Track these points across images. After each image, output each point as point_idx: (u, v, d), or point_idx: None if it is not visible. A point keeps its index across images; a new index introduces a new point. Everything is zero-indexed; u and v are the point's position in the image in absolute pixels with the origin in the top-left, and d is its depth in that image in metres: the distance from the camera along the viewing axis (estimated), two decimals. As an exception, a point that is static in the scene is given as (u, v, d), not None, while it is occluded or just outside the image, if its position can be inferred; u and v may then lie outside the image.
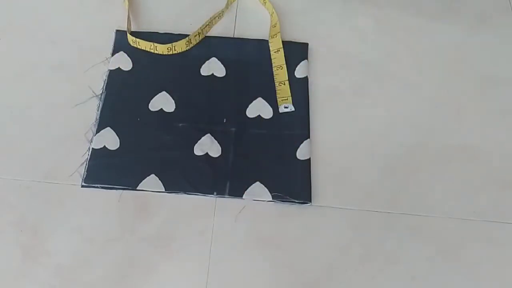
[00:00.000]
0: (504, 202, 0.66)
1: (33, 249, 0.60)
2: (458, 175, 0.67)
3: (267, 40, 0.77)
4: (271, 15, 0.79)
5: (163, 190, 0.64)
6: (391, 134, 0.70)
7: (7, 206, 0.63)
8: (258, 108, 0.70)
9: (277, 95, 0.72)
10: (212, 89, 0.72)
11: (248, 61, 0.75)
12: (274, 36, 0.76)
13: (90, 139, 0.67)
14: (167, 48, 0.74)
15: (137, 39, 0.75)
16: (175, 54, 0.74)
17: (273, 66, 0.74)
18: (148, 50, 0.74)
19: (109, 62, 0.74)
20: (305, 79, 0.73)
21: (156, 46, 0.74)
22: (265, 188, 0.65)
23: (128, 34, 0.75)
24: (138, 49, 0.75)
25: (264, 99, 0.71)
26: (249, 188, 0.65)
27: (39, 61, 0.74)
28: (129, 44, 0.75)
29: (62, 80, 0.72)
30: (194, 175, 0.65)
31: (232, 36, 0.77)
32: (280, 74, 0.73)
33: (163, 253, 0.61)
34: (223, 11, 0.79)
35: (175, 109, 0.70)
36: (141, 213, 0.63)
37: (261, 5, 0.81)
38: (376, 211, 0.64)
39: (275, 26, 0.78)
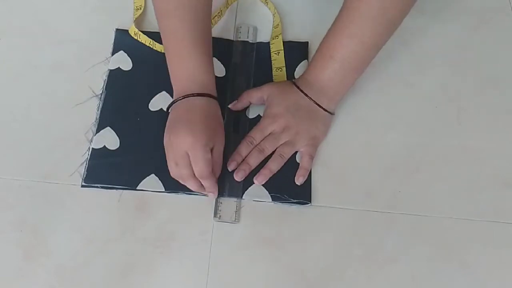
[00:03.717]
0: (504, 202, 0.66)
1: (33, 249, 0.60)
2: (458, 175, 0.67)
3: (268, 42, 0.77)
4: (273, 15, 0.79)
5: (163, 190, 0.64)
6: (391, 134, 0.70)
7: (7, 206, 0.63)
8: (259, 109, 0.70)
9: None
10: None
11: (248, 61, 0.75)
12: (276, 38, 0.76)
13: (90, 139, 0.67)
14: None
15: (139, 32, 0.75)
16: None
17: (272, 67, 0.74)
18: (148, 45, 0.75)
19: (109, 62, 0.74)
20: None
21: (155, 44, 0.74)
22: (265, 189, 0.65)
23: (132, 25, 0.75)
24: (138, 47, 0.74)
25: (264, 99, 0.71)
26: (249, 189, 0.65)
27: (39, 61, 0.74)
28: (130, 39, 0.75)
29: (62, 80, 0.72)
30: (194, 175, 0.65)
31: (232, 37, 0.77)
32: (279, 76, 0.73)
33: (163, 253, 0.61)
34: (221, 10, 0.78)
35: (175, 109, 0.70)
36: (141, 213, 0.63)
37: (263, 5, 0.81)
38: (376, 211, 0.64)
39: (277, 27, 0.78)
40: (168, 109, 0.66)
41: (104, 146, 0.67)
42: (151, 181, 0.65)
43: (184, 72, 0.64)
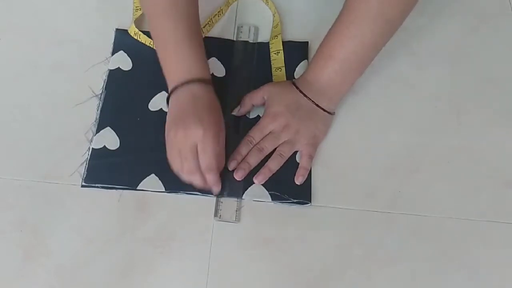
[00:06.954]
0: (504, 202, 0.66)
1: (33, 249, 0.60)
2: (458, 175, 0.67)
3: (268, 42, 0.77)
4: (274, 15, 0.79)
5: (163, 190, 0.64)
6: (391, 134, 0.70)
7: (7, 206, 0.63)
8: (258, 109, 0.70)
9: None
10: (212, 89, 0.72)
11: (248, 61, 0.75)
12: (275, 37, 0.76)
13: (90, 139, 0.67)
14: None
15: (139, 32, 0.75)
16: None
17: (272, 67, 0.74)
18: (148, 45, 0.75)
19: (109, 62, 0.74)
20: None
21: None
22: (265, 189, 0.65)
23: (132, 25, 0.75)
24: (138, 47, 0.74)
25: (264, 100, 0.71)
26: (249, 189, 0.65)
27: (39, 61, 0.74)
28: (130, 39, 0.75)
29: (62, 80, 0.72)
30: (194, 175, 0.65)
31: (232, 36, 0.77)
32: (279, 76, 0.73)
33: (163, 253, 0.61)
34: (222, 9, 0.78)
35: (175, 109, 0.70)
36: (141, 213, 0.63)
37: (263, 4, 0.81)
38: (376, 211, 0.64)
39: (276, 27, 0.78)
40: (167, 100, 0.65)
41: (104, 146, 0.67)
42: (151, 181, 0.65)
43: (180, 62, 0.64)
